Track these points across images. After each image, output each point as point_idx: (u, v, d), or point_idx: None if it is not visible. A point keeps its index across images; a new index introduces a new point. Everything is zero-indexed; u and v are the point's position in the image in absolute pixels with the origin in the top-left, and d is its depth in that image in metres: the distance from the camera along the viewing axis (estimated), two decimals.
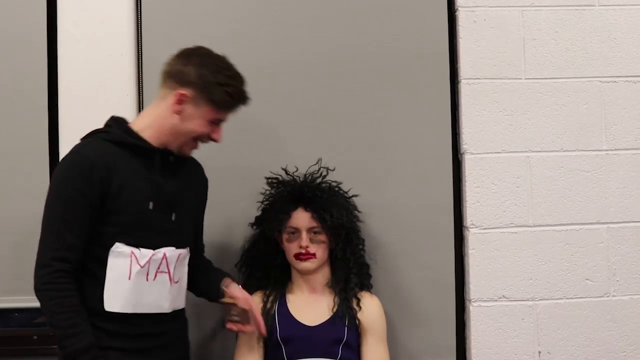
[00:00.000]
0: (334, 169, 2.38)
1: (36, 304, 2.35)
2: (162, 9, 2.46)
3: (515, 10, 2.54)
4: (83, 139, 2.02)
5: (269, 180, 2.37)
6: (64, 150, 2.39)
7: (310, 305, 2.28)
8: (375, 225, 2.45)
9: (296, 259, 2.26)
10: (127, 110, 2.41)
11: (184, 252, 2.07)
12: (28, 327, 2.40)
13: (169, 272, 2.01)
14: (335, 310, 2.26)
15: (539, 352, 2.51)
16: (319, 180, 2.34)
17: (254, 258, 2.35)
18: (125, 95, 2.42)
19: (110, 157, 1.92)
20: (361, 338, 2.28)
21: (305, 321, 2.25)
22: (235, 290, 2.15)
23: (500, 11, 2.53)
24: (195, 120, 1.97)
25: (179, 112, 1.97)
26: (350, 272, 2.31)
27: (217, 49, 2.43)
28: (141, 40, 2.45)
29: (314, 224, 2.25)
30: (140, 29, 2.45)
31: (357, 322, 2.27)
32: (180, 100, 1.96)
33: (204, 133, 2.01)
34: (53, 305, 1.85)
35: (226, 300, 2.13)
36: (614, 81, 2.55)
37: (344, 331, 2.24)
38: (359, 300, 2.29)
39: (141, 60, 2.44)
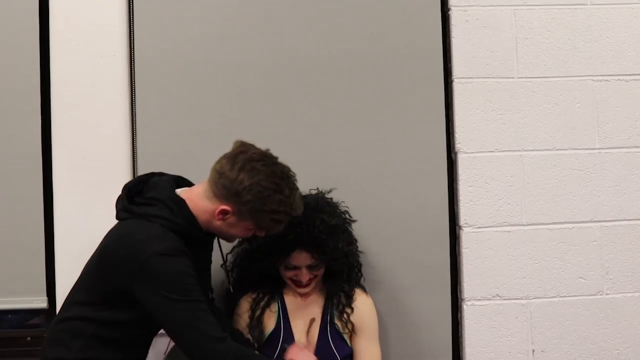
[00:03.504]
0: (330, 191, 2.33)
1: (29, 305, 2.38)
2: (154, 9, 2.45)
3: (508, 10, 2.54)
4: (124, 190, 2.02)
5: None
6: (56, 151, 2.39)
7: (303, 307, 2.29)
8: (369, 225, 2.44)
9: (293, 283, 2.25)
10: (119, 111, 2.41)
11: None
12: (21, 329, 2.40)
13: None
14: (326, 308, 2.27)
15: (533, 350, 2.51)
16: (317, 222, 2.19)
17: (247, 269, 2.30)
18: (118, 96, 2.42)
19: (180, 247, 1.91)
20: (353, 337, 2.29)
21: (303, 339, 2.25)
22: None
23: (492, 10, 2.53)
24: (239, 229, 1.99)
25: (221, 220, 1.96)
26: (343, 271, 2.30)
27: (209, 49, 2.45)
28: (133, 41, 2.44)
29: (313, 261, 2.21)
30: (133, 29, 2.44)
31: (348, 319, 2.27)
32: (224, 214, 1.94)
33: (247, 236, 2.06)
34: None
35: None
36: (606, 80, 2.55)
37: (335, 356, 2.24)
38: (351, 300, 2.29)
39: (133, 61, 2.43)
